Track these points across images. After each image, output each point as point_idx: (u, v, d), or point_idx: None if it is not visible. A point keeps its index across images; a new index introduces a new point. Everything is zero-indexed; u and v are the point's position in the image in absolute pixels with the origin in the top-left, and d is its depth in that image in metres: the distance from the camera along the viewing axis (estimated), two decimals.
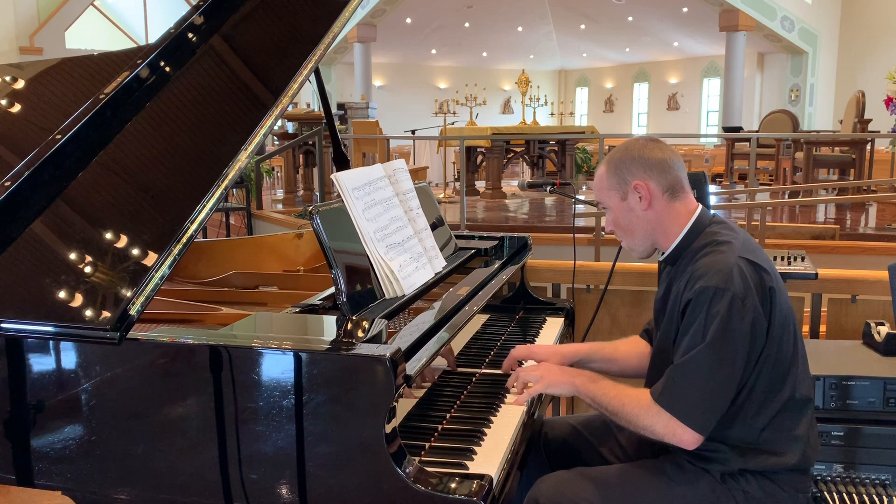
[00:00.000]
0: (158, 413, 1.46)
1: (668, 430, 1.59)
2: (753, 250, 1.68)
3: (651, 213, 1.75)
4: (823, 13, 16.09)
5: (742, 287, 1.58)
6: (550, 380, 1.79)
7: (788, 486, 1.66)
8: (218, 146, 1.74)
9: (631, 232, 1.80)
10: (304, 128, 8.83)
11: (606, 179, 1.78)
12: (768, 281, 1.64)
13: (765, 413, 1.64)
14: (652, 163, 1.74)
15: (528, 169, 10.56)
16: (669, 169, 1.75)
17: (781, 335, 1.65)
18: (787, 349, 1.66)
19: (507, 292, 2.60)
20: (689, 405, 1.58)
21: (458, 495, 1.33)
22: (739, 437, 1.64)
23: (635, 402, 1.65)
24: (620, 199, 1.77)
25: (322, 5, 2.10)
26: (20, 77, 2.19)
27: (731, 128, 13.44)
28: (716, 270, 1.61)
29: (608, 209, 1.81)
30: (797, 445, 1.65)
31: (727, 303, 1.57)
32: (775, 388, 1.65)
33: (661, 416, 1.59)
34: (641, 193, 1.74)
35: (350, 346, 1.42)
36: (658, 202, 1.74)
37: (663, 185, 1.74)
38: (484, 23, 18.60)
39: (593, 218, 5.43)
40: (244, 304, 2.18)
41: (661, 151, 1.76)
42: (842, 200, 8.00)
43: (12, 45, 12.68)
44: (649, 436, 1.64)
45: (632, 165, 1.75)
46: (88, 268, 1.53)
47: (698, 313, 1.59)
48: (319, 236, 1.77)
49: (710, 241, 1.70)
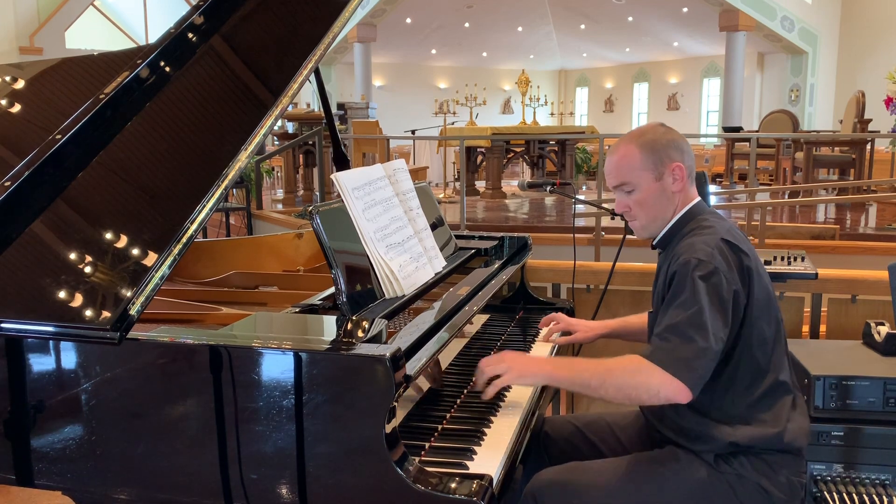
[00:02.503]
0: (158, 413, 1.46)
1: (663, 384, 1.59)
2: (735, 236, 1.74)
3: (679, 196, 1.81)
4: (823, 13, 16.08)
5: (723, 263, 1.66)
6: (520, 370, 1.68)
7: (781, 467, 1.68)
8: (218, 146, 1.74)
9: (654, 212, 1.82)
10: (304, 128, 8.84)
11: (641, 159, 1.78)
12: (747, 262, 1.70)
13: (751, 390, 1.70)
14: (682, 147, 1.81)
15: (528, 169, 10.56)
16: (691, 155, 1.83)
17: (761, 317, 1.70)
18: (769, 331, 1.72)
19: (507, 292, 2.60)
20: (679, 361, 1.60)
21: (459, 495, 1.33)
22: (728, 413, 1.69)
23: (623, 366, 1.63)
24: (655, 179, 1.78)
25: (322, 5, 2.10)
26: (20, 77, 2.19)
27: (731, 128, 13.43)
28: (697, 248, 1.68)
29: (636, 188, 1.80)
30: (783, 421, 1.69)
31: (710, 270, 1.64)
32: (760, 368, 1.70)
33: (654, 371, 1.60)
34: (677, 175, 1.78)
35: (350, 346, 1.42)
36: (686, 184, 1.81)
37: (689, 168, 1.81)
38: (484, 23, 18.60)
39: (593, 218, 5.43)
40: (244, 304, 2.18)
41: (682, 138, 1.84)
42: (842, 200, 8.00)
43: (12, 45, 12.69)
44: (643, 395, 1.61)
45: (668, 147, 1.79)
46: (88, 268, 1.53)
47: (684, 281, 1.65)
48: (319, 236, 1.77)
49: (696, 226, 1.78)
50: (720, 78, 18.20)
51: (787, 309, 2.74)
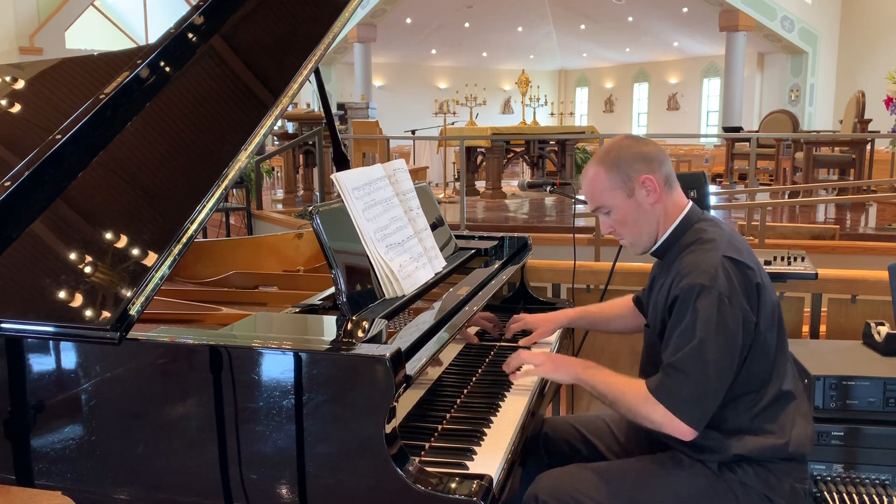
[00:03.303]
0: (158, 413, 1.46)
1: (666, 421, 1.61)
2: (738, 248, 1.70)
3: (658, 207, 1.77)
4: (823, 13, 16.09)
5: (727, 286, 1.61)
6: (553, 365, 1.83)
7: (784, 475, 1.67)
8: (218, 146, 1.74)
9: (638, 228, 1.79)
10: (304, 128, 8.84)
11: (608, 180, 1.76)
12: (753, 277, 1.66)
13: (755, 401, 1.67)
14: (650, 156, 1.76)
15: (528, 169, 10.56)
16: (663, 161, 1.78)
17: (767, 329, 1.68)
18: (772, 340, 1.70)
19: (507, 292, 2.60)
20: (682, 401, 1.60)
21: (458, 495, 1.33)
22: (732, 424, 1.67)
23: (634, 392, 1.67)
24: (627, 197, 1.75)
25: (322, 5, 2.10)
26: (20, 77, 2.19)
27: (731, 128, 13.43)
28: (701, 270, 1.63)
29: (612, 209, 1.78)
30: (787, 430, 1.68)
31: (714, 299, 1.60)
32: (764, 379, 1.68)
33: (657, 407, 1.62)
34: (649, 187, 1.74)
35: (350, 346, 1.42)
36: (663, 195, 1.76)
37: (663, 177, 1.76)
38: (484, 23, 18.61)
39: (593, 218, 5.43)
40: (244, 304, 2.18)
41: (652, 146, 1.79)
42: (842, 200, 8.00)
43: (12, 45, 12.69)
44: (648, 425, 1.66)
45: (633, 161, 1.74)
46: (88, 268, 1.53)
47: (685, 311, 1.62)
48: (319, 236, 1.77)
49: (696, 238, 1.73)
50: (720, 78, 18.21)
51: (788, 309, 2.74)
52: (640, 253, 1.85)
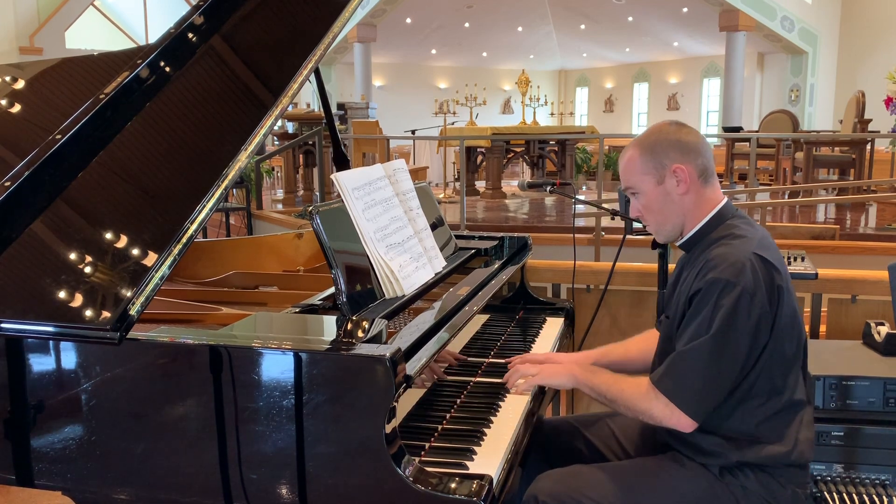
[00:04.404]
0: (158, 413, 1.46)
1: (666, 414, 1.61)
2: (768, 248, 1.68)
3: (687, 198, 1.74)
4: (823, 13, 16.08)
5: (752, 282, 1.59)
6: (549, 371, 1.83)
7: (787, 481, 1.66)
8: (218, 146, 1.74)
9: (663, 217, 1.77)
10: (304, 128, 8.83)
11: (640, 163, 1.74)
12: (778, 279, 1.64)
13: (763, 409, 1.65)
14: (689, 146, 1.73)
15: (528, 169, 10.56)
16: (702, 153, 1.74)
17: (785, 335, 1.65)
18: (790, 350, 1.66)
19: (507, 292, 2.60)
20: (686, 391, 1.60)
21: (458, 495, 1.33)
22: (737, 430, 1.65)
23: (634, 388, 1.67)
24: (656, 184, 1.73)
25: (322, 5, 2.10)
26: (20, 77, 2.19)
27: (731, 128, 13.43)
28: (728, 263, 1.61)
29: (639, 193, 1.76)
30: (792, 439, 1.66)
31: (736, 296, 1.58)
32: (776, 387, 1.65)
33: (659, 399, 1.62)
34: (680, 177, 1.72)
35: (350, 346, 1.42)
36: (694, 186, 1.73)
37: (699, 169, 1.73)
38: (484, 23, 18.59)
39: (593, 218, 5.43)
40: (244, 304, 2.18)
41: (694, 135, 1.76)
42: (842, 200, 8.01)
43: (12, 45, 12.68)
44: (647, 420, 1.66)
45: (669, 149, 1.72)
46: (88, 268, 1.53)
47: (706, 304, 1.60)
48: (319, 236, 1.77)
49: (727, 233, 1.70)
50: (720, 78, 18.20)
51: None
52: (663, 241, 1.85)
